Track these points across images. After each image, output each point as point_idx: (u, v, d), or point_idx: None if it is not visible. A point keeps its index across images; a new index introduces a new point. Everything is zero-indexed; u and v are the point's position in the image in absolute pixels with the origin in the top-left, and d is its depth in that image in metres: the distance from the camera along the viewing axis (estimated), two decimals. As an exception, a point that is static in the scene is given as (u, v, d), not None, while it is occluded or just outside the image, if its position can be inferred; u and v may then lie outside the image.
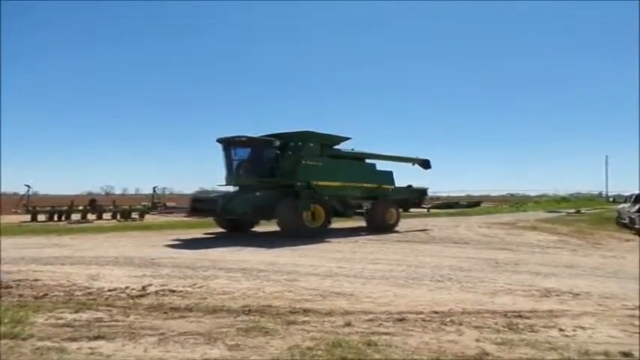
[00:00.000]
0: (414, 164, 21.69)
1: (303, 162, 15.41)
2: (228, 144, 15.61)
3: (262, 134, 15.88)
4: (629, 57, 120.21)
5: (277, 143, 15.76)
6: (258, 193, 14.49)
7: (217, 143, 15.74)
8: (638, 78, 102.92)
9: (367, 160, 18.73)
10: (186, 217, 15.94)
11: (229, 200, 14.11)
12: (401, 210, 19.32)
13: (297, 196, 14.53)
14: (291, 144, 15.99)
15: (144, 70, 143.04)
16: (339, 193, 16.35)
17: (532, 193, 77.47)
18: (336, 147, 17.58)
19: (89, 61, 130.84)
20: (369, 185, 17.88)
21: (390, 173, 19.19)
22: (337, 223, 16.81)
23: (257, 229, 16.84)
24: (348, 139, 17.51)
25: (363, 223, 17.77)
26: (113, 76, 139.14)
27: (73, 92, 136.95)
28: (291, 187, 14.80)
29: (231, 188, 16.24)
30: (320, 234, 14.30)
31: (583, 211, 32.42)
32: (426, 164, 21.81)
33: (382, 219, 17.32)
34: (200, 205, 14.75)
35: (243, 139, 15.22)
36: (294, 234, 13.65)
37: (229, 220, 15.35)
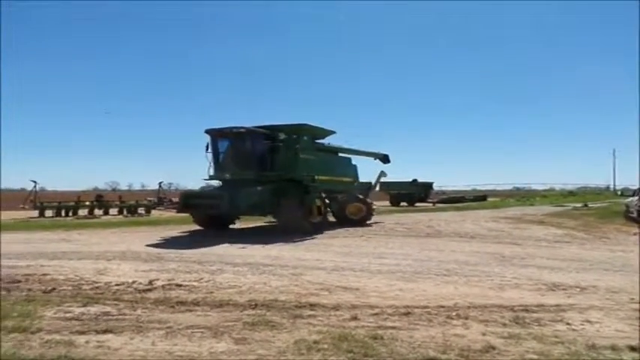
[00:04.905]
0: (375, 159, 21.84)
1: (301, 156, 15.01)
2: (221, 135, 14.63)
3: (254, 125, 14.89)
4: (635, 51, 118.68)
5: (282, 136, 15.23)
6: (259, 188, 13.55)
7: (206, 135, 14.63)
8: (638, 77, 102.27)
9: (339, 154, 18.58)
10: (176, 213, 15.19)
11: (235, 195, 12.92)
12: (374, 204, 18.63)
13: (306, 190, 14.27)
14: (285, 136, 15.34)
15: (145, 67, 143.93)
16: (327, 187, 16.06)
17: (538, 187, 77.00)
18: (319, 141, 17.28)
19: (95, 61, 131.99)
20: (347, 179, 18.06)
21: (356, 167, 19.30)
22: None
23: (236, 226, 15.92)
24: (333, 132, 17.45)
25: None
26: (117, 74, 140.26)
27: (80, 91, 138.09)
28: (291, 181, 14.28)
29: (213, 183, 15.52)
30: (320, 228, 14.14)
31: (590, 205, 32.17)
32: (385, 159, 22.07)
33: (350, 213, 16.79)
34: (197, 200, 13.81)
35: (241, 130, 14.32)
36: (297, 229, 13.14)
37: (210, 216, 14.33)
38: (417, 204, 37.73)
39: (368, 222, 16.93)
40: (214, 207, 13.32)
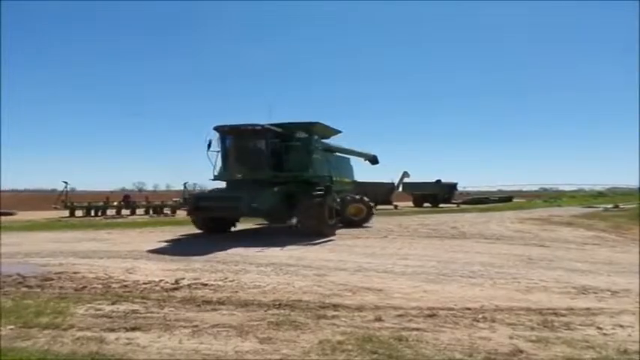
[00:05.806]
0: (365, 159, 21.43)
1: (315, 156, 14.45)
2: (233, 133, 13.78)
3: (267, 123, 13.99)
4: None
5: (300, 135, 14.70)
6: (276, 189, 13.00)
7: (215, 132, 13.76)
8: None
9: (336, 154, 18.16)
10: (187, 215, 14.56)
11: (255, 197, 12.23)
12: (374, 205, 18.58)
13: (325, 191, 13.51)
14: (301, 135, 14.81)
15: (168, 68, 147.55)
16: (336, 188, 15.12)
17: (566, 188, 75.12)
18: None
19: (119, 67, 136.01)
20: (348, 179, 17.84)
21: (352, 167, 19.05)
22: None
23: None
24: (340, 132, 17.22)
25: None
26: (140, 76, 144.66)
27: (109, 93, 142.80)
28: (305, 182, 13.81)
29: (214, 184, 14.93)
30: (334, 231, 13.81)
31: (621, 206, 31.20)
32: (374, 160, 21.70)
33: (351, 214, 16.52)
34: (210, 203, 13.09)
35: (257, 127, 13.43)
36: (319, 232, 12.70)
37: (210, 218, 13.67)
38: (441, 205, 37.32)
39: (365, 224, 16.68)
40: (232, 209, 12.60)
